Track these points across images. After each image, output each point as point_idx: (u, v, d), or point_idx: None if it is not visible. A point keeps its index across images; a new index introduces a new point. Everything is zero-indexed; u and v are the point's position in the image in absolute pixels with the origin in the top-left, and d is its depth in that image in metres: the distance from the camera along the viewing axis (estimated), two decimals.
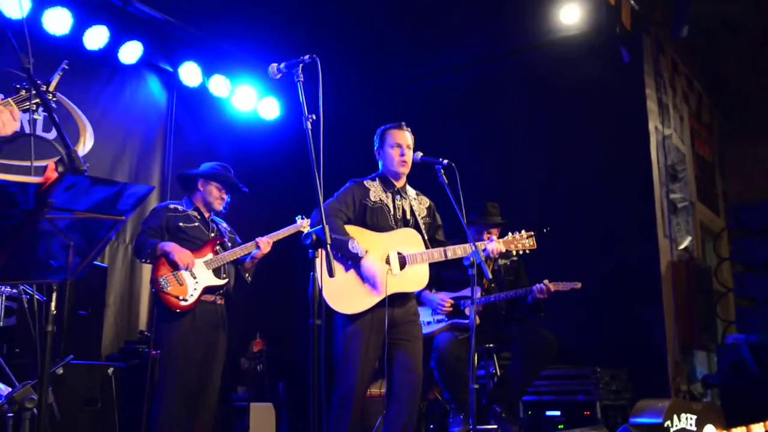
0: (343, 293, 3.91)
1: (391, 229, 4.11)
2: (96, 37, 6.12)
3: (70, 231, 2.00)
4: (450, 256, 4.07)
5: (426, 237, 4.18)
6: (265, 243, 4.70)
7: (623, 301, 6.30)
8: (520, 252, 4.38)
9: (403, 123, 4.31)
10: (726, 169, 9.49)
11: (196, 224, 4.69)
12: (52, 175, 1.73)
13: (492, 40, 7.19)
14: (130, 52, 6.38)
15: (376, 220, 4.10)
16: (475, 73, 7.62)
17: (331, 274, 3.03)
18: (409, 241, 4.10)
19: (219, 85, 7.16)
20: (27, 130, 4.64)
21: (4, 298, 4.31)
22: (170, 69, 7.03)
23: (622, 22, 6.40)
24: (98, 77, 6.51)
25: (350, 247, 3.89)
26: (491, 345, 5.25)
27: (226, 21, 6.78)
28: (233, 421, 5.97)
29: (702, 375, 6.83)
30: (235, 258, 4.66)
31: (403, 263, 4.03)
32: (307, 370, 7.73)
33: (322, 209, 3.12)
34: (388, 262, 4.01)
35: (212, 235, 4.73)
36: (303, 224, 4.91)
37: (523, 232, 4.39)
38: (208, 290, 4.52)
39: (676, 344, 6.43)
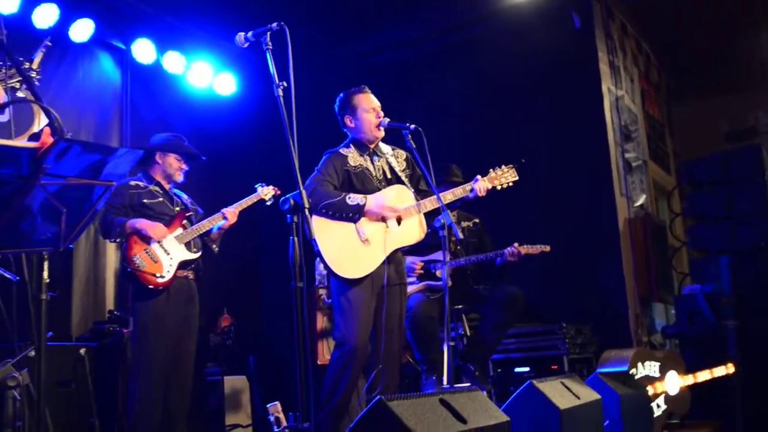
0: (345, 257, 3.96)
1: (376, 190, 4.16)
2: (45, 15, 5.94)
3: (60, 198, 2.01)
4: (443, 202, 4.11)
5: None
6: (232, 213, 4.71)
7: (584, 258, 6.48)
8: (504, 186, 4.36)
9: (365, 86, 4.36)
10: (674, 128, 9.76)
11: (161, 199, 4.64)
12: (48, 140, 1.73)
13: (445, 11, 7.24)
14: (82, 29, 6.24)
15: (362, 183, 4.16)
16: (430, 45, 7.67)
17: (310, 236, 3.10)
18: (398, 196, 4.16)
19: (174, 62, 7.06)
20: None
21: None
22: (123, 46, 6.90)
23: None
24: (49, 57, 6.32)
25: (349, 201, 3.95)
26: (461, 306, 5.37)
27: None
28: (207, 396, 6.00)
29: (661, 326, 7.08)
30: (204, 231, 4.66)
31: (398, 219, 4.10)
32: (276, 342, 7.77)
33: (298, 174, 3.15)
34: (383, 221, 4.07)
35: (177, 209, 4.69)
36: (264, 191, 4.92)
37: (503, 166, 4.39)
38: (182, 265, 4.52)
39: (636, 298, 6.66)
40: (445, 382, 4.67)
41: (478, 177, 4.34)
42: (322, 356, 5.93)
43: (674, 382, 5.17)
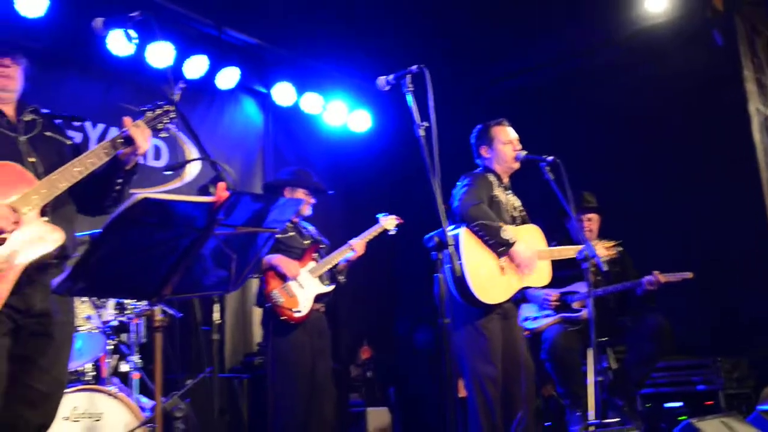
0: (487, 282, 3.91)
1: (506, 223, 4.14)
2: (196, 66, 6.35)
3: (230, 245, 2.17)
4: (565, 255, 4.11)
5: None
6: (360, 245, 4.78)
7: (736, 286, 6.14)
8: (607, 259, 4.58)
9: (504, 119, 4.37)
10: None
11: (292, 233, 4.75)
12: (223, 194, 1.88)
13: (582, 34, 7.13)
14: (228, 77, 6.62)
15: (497, 214, 4.12)
16: (565, 68, 7.57)
17: (455, 273, 3.13)
18: (533, 237, 4.16)
19: (311, 102, 7.36)
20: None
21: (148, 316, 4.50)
22: (264, 90, 7.29)
23: (713, 4, 6.27)
24: (199, 104, 6.81)
25: (503, 234, 3.94)
26: (604, 338, 5.22)
27: (316, 40, 6.97)
28: (351, 427, 6.13)
29: None
30: (335, 263, 4.75)
31: None
32: (412, 374, 7.81)
33: (442, 213, 3.18)
34: None
35: (307, 242, 4.79)
36: (386, 221, 5.00)
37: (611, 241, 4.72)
38: (316, 298, 4.61)
39: None
40: (592, 417, 4.56)
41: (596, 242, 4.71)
42: (462, 389, 5.91)
43: None
